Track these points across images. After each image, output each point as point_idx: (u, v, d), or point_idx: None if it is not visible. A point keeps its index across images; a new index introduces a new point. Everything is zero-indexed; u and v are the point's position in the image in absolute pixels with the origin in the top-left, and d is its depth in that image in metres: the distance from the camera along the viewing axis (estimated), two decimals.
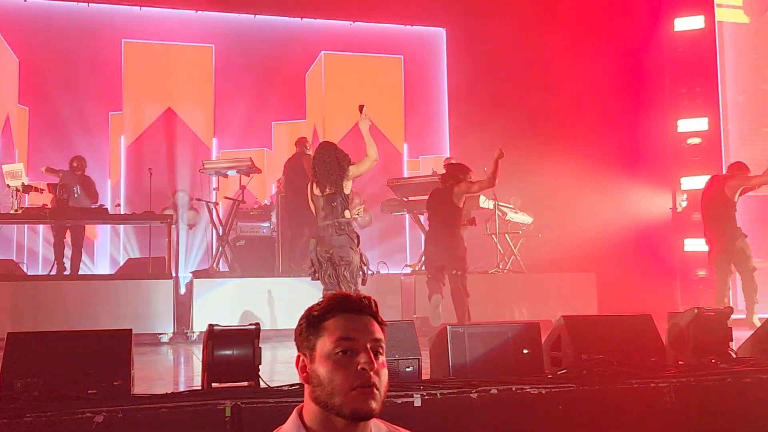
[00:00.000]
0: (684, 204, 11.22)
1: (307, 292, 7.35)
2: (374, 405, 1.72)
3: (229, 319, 8.04)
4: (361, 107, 6.33)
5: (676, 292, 11.12)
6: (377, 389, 1.73)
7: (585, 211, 11.39)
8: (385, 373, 1.77)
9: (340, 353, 1.74)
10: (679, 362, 4.87)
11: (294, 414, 1.82)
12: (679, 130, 11.30)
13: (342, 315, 1.78)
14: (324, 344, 1.76)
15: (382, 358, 1.79)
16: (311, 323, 1.81)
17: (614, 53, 11.93)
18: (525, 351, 4.64)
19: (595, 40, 11.83)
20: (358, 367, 1.72)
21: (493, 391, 4.16)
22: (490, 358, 4.59)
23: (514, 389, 4.20)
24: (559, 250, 10.38)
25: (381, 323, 1.82)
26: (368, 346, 1.76)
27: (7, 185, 8.87)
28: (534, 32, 12.26)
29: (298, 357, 1.83)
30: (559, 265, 10.32)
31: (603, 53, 11.78)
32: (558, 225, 11.08)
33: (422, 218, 10.24)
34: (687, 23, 11.45)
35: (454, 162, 9.45)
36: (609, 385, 4.37)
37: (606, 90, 11.75)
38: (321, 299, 1.87)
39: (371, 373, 1.72)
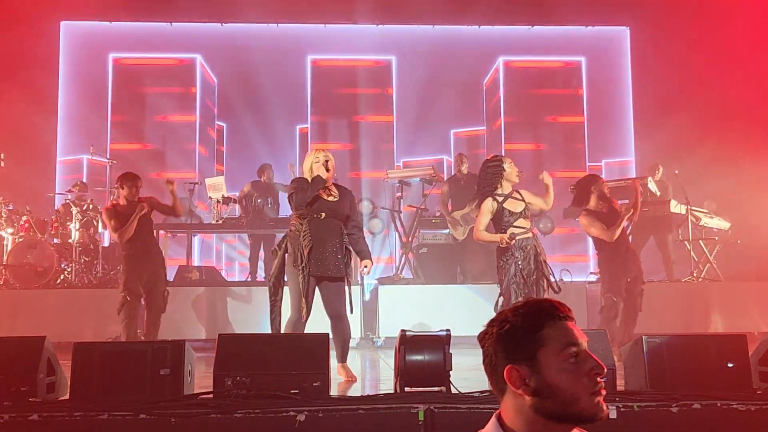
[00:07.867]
0: None
1: (490, 299, 7.29)
2: (606, 408, 1.72)
3: (413, 325, 8.16)
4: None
5: None
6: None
7: None
8: None
9: (573, 360, 1.72)
10: None
11: (494, 420, 1.78)
12: None
13: (558, 322, 1.75)
14: (549, 353, 1.72)
15: None
16: (526, 333, 1.75)
17: None
18: (730, 365, 4.37)
19: None
20: (591, 372, 1.71)
21: (696, 405, 3.96)
22: (690, 370, 4.37)
23: (719, 404, 3.97)
24: (761, 257, 9.63)
25: None
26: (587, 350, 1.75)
27: (210, 197, 9.56)
28: (723, 27, 11.53)
29: (510, 369, 1.75)
30: (762, 273, 9.58)
31: None
32: (759, 230, 10.28)
33: None
34: None
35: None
36: None
37: None
38: (518, 307, 1.81)
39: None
